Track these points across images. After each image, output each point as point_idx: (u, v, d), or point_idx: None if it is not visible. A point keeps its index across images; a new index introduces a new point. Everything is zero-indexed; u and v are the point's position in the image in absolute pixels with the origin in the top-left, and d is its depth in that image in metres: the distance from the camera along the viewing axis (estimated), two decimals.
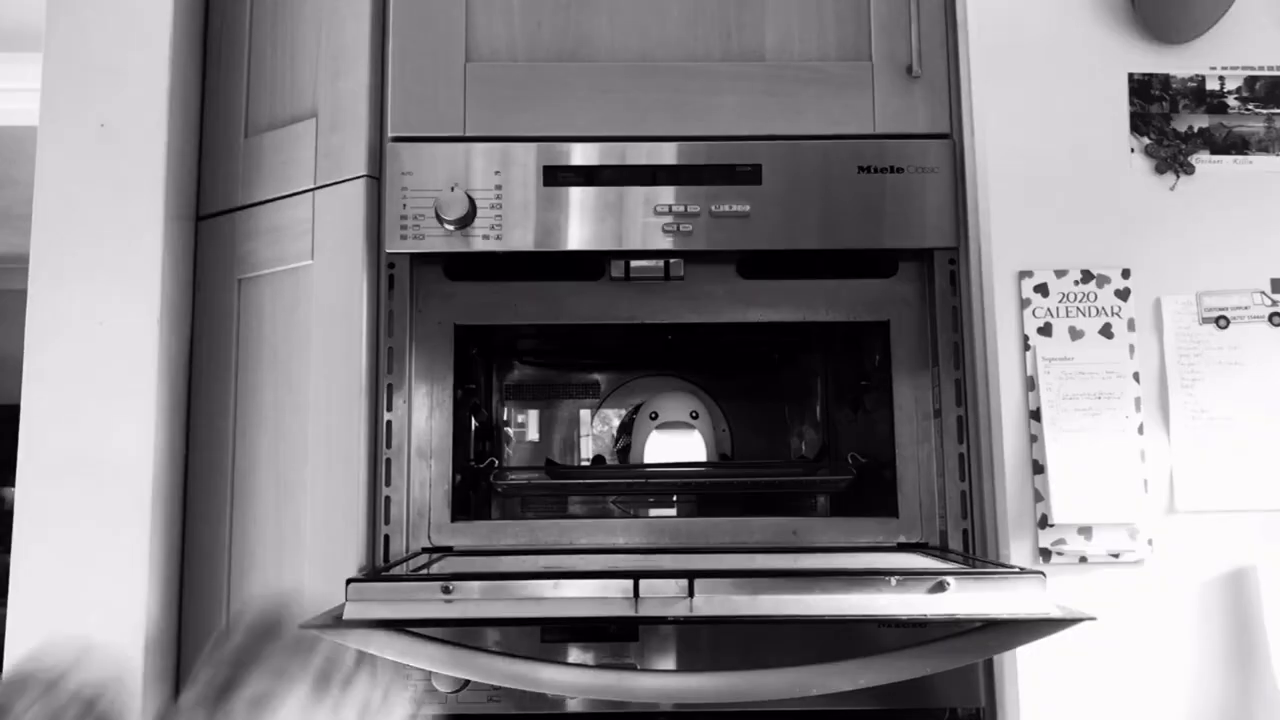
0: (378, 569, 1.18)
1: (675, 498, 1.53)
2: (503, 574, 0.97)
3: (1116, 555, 1.11)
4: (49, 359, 1.21)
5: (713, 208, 1.24)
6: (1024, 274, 1.17)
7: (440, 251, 1.24)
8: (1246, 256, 1.17)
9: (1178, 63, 1.21)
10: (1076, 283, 1.16)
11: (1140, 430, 1.13)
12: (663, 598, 0.91)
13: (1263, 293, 1.17)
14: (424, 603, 0.91)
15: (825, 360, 1.60)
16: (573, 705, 1.16)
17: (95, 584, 1.17)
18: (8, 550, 1.17)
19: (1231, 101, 1.20)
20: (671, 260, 1.26)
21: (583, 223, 1.24)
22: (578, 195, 1.24)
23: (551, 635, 1.16)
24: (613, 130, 1.26)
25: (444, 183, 1.24)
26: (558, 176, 1.24)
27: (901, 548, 1.23)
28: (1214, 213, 1.18)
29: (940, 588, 0.90)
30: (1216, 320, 1.16)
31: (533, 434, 1.63)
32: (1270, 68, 1.21)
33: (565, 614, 0.93)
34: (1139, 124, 1.20)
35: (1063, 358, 1.14)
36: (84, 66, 1.27)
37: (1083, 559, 1.11)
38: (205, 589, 1.26)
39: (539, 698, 1.14)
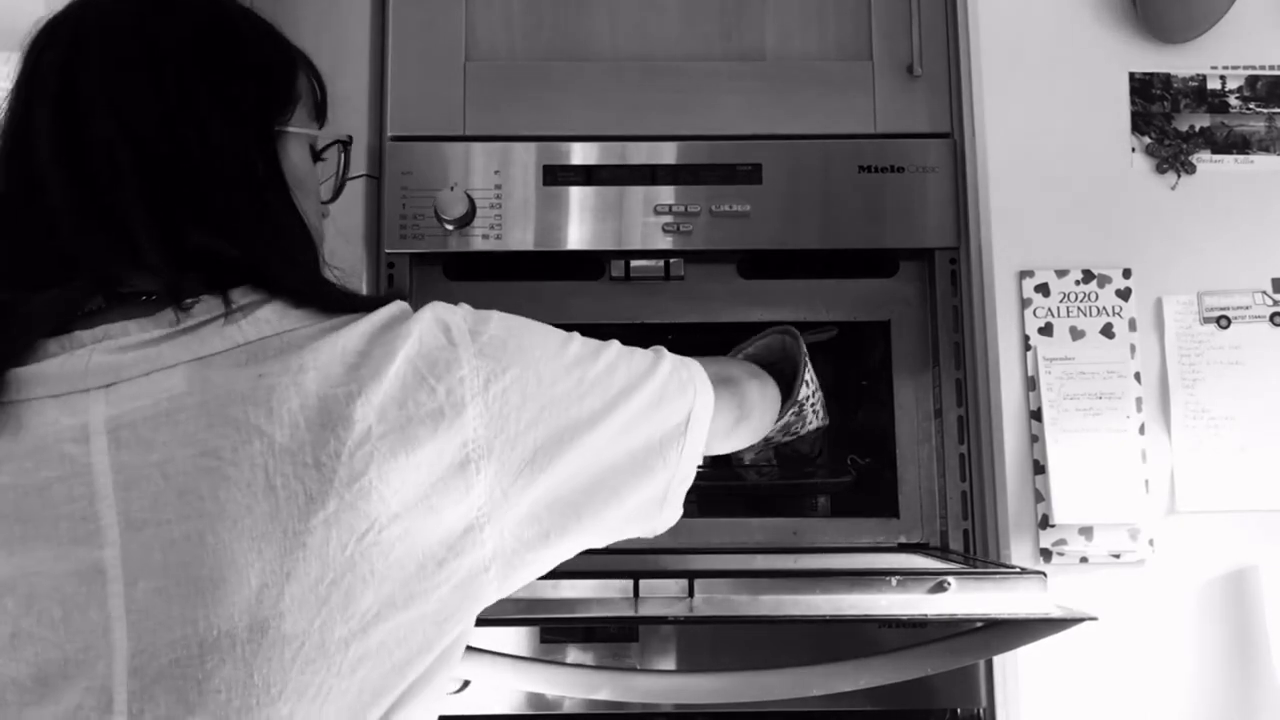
0: None
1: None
2: None
3: (1117, 555, 1.11)
4: None
5: (713, 207, 1.24)
6: (1025, 274, 1.17)
7: (440, 251, 1.24)
8: (1248, 256, 1.17)
9: (1179, 62, 1.20)
10: (1077, 282, 1.16)
11: (1141, 430, 1.13)
12: (663, 598, 0.91)
13: (1264, 293, 1.16)
14: None
15: (825, 360, 1.59)
16: (572, 705, 1.15)
17: None
18: None
19: (1233, 101, 1.20)
20: (671, 260, 1.26)
21: (582, 222, 1.24)
22: (577, 195, 1.24)
23: (551, 635, 1.15)
24: (613, 130, 1.26)
25: (443, 182, 1.24)
26: (557, 176, 1.24)
27: (902, 548, 1.23)
28: (1215, 212, 1.18)
29: (941, 588, 0.90)
30: (1218, 320, 1.15)
31: None
32: (1271, 67, 1.20)
33: (565, 614, 0.92)
34: (1140, 123, 1.19)
35: (1064, 358, 1.14)
36: None
37: (1084, 559, 1.11)
38: None
39: (539, 698, 1.14)
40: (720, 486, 1.45)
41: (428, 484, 0.57)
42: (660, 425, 0.68)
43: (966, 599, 0.90)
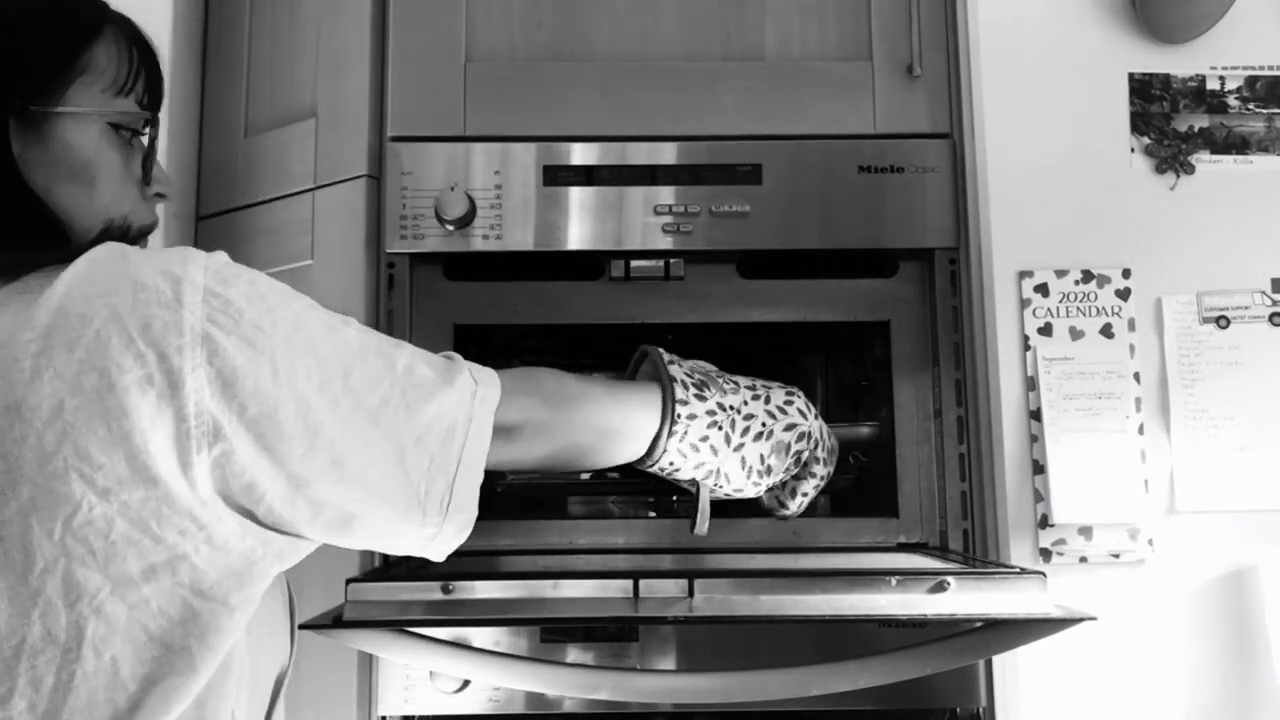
0: (377, 568, 1.17)
1: (675, 498, 1.53)
2: (502, 574, 0.97)
3: (1117, 555, 1.11)
4: None
5: (713, 207, 1.24)
6: (1024, 274, 1.17)
7: (440, 251, 1.24)
8: (1247, 256, 1.17)
9: (1178, 62, 1.20)
10: (1077, 283, 1.16)
11: (1141, 430, 1.13)
12: (663, 598, 0.91)
13: (1263, 293, 1.16)
14: (424, 602, 0.91)
15: (825, 360, 1.60)
16: (572, 705, 1.16)
17: None
18: None
19: (1232, 101, 1.20)
20: (671, 260, 1.26)
21: (582, 222, 1.24)
22: (577, 195, 1.24)
23: (551, 635, 1.15)
24: (613, 130, 1.26)
25: (444, 182, 1.24)
26: (558, 176, 1.24)
27: (901, 548, 1.23)
28: (1214, 213, 1.18)
29: (940, 588, 0.90)
30: (1217, 320, 1.16)
31: None
32: (1271, 67, 1.21)
33: (565, 614, 0.93)
34: (1139, 124, 1.19)
35: (1063, 358, 1.14)
36: None
37: (1083, 559, 1.11)
38: None
39: (539, 697, 1.14)
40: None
41: (143, 454, 0.53)
42: (424, 421, 0.66)
43: (966, 599, 0.90)
